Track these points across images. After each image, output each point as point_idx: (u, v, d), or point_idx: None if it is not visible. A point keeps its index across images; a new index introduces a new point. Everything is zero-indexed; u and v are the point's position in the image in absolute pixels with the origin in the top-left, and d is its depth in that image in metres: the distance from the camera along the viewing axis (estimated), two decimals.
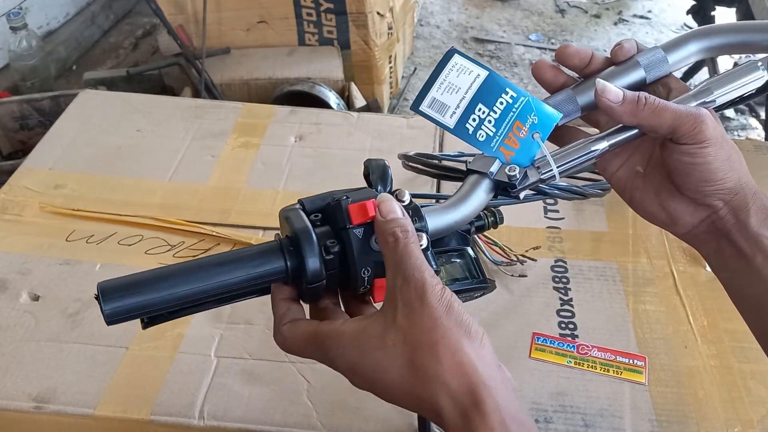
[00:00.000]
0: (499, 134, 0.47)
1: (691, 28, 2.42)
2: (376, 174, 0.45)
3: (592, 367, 0.66)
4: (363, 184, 0.47)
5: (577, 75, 0.51)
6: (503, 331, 0.69)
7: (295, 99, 1.59)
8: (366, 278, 0.41)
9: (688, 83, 1.99)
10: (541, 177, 0.46)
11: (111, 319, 0.39)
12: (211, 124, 0.98)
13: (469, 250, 0.52)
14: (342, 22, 1.71)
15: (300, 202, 0.45)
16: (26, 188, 0.86)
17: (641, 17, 2.58)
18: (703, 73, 1.90)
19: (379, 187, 0.44)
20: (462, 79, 0.47)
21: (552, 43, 2.39)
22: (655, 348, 0.68)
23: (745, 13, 1.72)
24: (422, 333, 0.36)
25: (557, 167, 0.46)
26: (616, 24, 2.54)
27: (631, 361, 0.66)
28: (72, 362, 0.66)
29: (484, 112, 0.47)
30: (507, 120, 0.47)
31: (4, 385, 0.63)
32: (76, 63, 2.14)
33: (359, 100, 1.69)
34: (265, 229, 0.81)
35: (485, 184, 0.46)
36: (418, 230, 0.40)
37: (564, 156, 0.46)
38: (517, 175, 0.45)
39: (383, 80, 1.83)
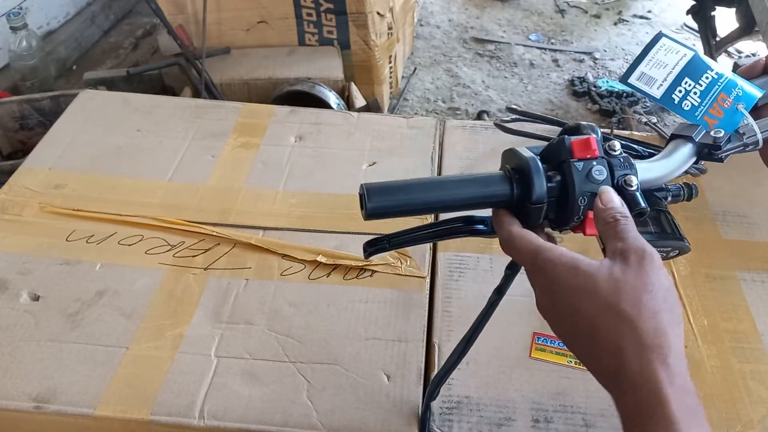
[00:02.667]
0: (704, 104, 0.51)
1: (691, 28, 2.42)
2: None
3: None
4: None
5: None
6: (504, 331, 0.69)
7: (295, 99, 1.59)
8: (582, 207, 0.46)
9: None
10: (746, 142, 0.49)
11: (371, 213, 0.46)
12: (211, 124, 0.98)
13: (667, 209, 0.54)
14: (342, 22, 1.70)
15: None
16: (26, 188, 0.86)
17: (641, 17, 2.58)
18: None
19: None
20: (669, 57, 0.53)
21: (552, 43, 2.39)
22: None
23: (744, 14, 1.72)
24: (633, 288, 0.39)
25: (762, 133, 0.49)
26: (616, 24, 2.54)
27: None
28: (72, 362, 0.66)
29: (690, 85, 0.52)
30: (712, 92, 0.52)
31: (4, 385, 0.63)
32: (76, 63, 2.13)
33: (359, 100, 1.69)
34: (265, 228, 0.81)
35: (689, 147, 0.50)
36: (627, 175, 0.46)
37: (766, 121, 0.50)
38: (722, 138, 0.49)
39: (383, 80, 1.83)
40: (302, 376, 0.65)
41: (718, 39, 1.86)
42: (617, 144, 0.47)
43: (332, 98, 1.62)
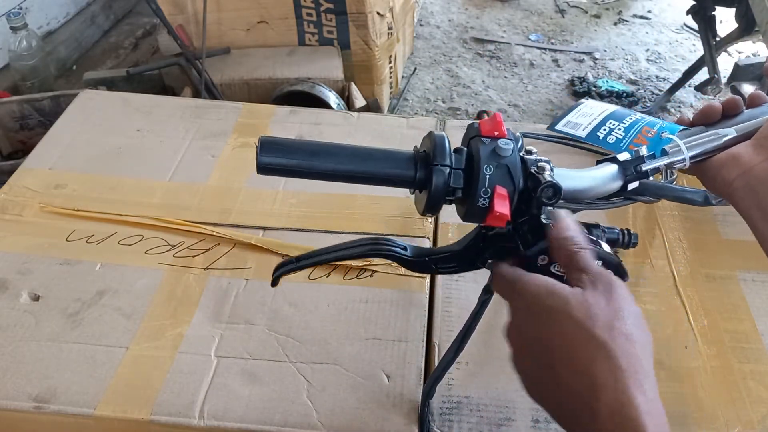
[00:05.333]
0: (628, 136, 0.52)
1: (691, 28, 2.42)
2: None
3: None
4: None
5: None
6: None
7: (295, 99, 1.59)
8: (488, 178, 0.44)
9: (688, 84, 1.96)
10: (672, 160, 0.49)
11: (262, 167, 0.44)
12: (211, 124, 0.98)
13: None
14: (342, 22, 1.70)
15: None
16: (26, 188, 0.86)
17: (641, 17, 2.58)
18: (703, 73, 1.90)
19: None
20: (594, 110, 0.57)
21: (552, 43, 2.39)
22: (656, 348, 0.67)
23: (744, 14, 1.72)
24: (605, 314, 0.39)
25: (688, 153, 0.49)
26: (616, 24, 2.54)
27: None
28: (72, 362, 0.66)
29: (614, 125, 0.55)
30: (636, 127, 0.53)
31: (4, 385, 0.63)
32: (76, 63, 2.14)
33: (359, 100, 1.69)
34: (265, 228, 0.81)
35: (613, 166, 0.50)
36: (540, 161, 0.45)
37: (693, 142, 0.50)
38: (644, 152, 0.49)
39: (383, 80, 1.83)
40: (302, 376, 0.65)
41: (718, 39, 1.86)
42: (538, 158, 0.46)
43: (332, 98, 1.63)
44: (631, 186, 0.49)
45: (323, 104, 1.60)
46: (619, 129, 0.54)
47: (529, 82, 2.18)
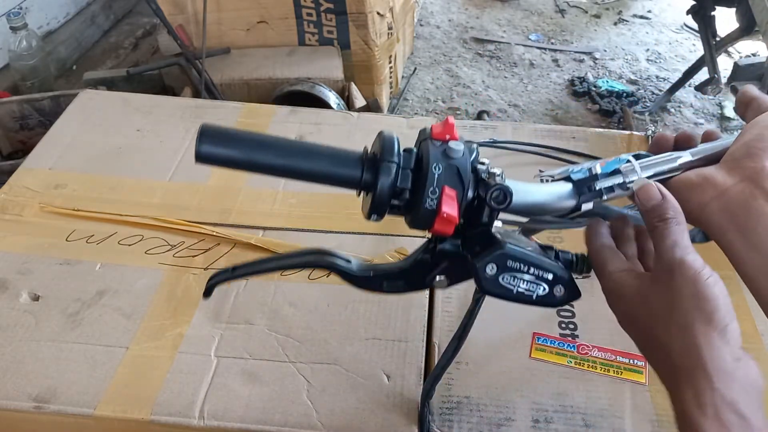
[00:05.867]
0: (585, 167, 0.51)
1: (691, 28, 2.42)
2: None
3: (592, 367, 0.66)
4: None
5: None
6: (503, 331, 0.69)
7: (295, 99, 1.59)
8: (436, 177, 0.43)
9: (688, 84, 1.97)
10: (626, 180, 0.48)
11: (201, 157, 0.42)
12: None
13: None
14: (342, 22, 1.70)
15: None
16: (26, 188, 0.86)
17: (641, 17, 2.58)
18: (703, 73, 1.90)
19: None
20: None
21: (552, 43, 2.39)
22: None
23: (744, 14, 1.72)
24: (662, 307, 0.39)
25: (642, 173, 0.47)
26: (616, 24, 2.54)
27: (631, 361, 0.66)
28: (72, 362, 0.66)
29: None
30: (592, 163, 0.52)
31: (4, 385, 0.63)
32: (76, 63, 2.13)
33: (359, 100, 1.69)
34: (265, 228, 0.81)
35: (568, 184, 0.48)
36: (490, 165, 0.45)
37: (649, 164, 0.48)
38: (598, 170, 0.48)
39: (383, 80, 1.83)
40: (302, 376, 0.65)
41: (718, 39, 1.86)
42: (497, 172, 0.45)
43: (332, 98, 1.62)
44: (586, 206, 0.47)
45: (323, 104, 1.60)
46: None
47: (529, 82, 2.18)
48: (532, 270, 0.45)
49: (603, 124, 2.00)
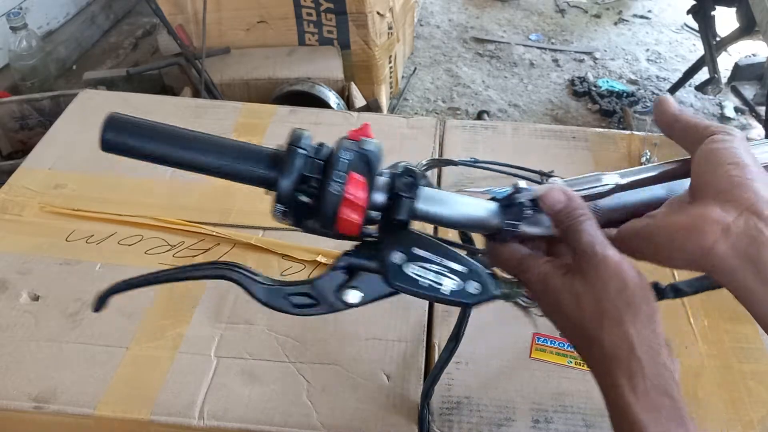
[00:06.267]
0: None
1: (691, 28, 2.42)
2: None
3: None
4: None
5: None
6: (503, 331, 0.69)
7: (295, 99, 1.59)
8: (346, 162, 0.41)
9: (688, 84, 1.96)
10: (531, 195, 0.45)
11: (105, 146, 0.42)
12: (211, 124, 0.98)
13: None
14: (342, 22, 1.70)
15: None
16: (26, 188, 0.86)
17: (641, 17, 2.58)
18: (703, 73, 1.90)
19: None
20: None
21: (552, 43, 2.39)
22: None
23: (745, 13, 1.72)
24: (591, 300, 0.40)
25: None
26: (616, 24, 2.54)
27: None
28: (72, 362, 0.66)
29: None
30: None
31: (4, 385, 0.63)
32: (76, 63, 2.13)
33: (359, 100, 1.69)
34: (265, 228, 0.81)
35: (491, 203, 0.46)
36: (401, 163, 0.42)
37: (571, 184, 0.46)
38: (523, 184, 0.45)
39: (383, 80, 1.83)
40: (302, 376, 0.65)
41: (718, 39, 1.86)
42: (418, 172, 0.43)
43: (332, 98, 1.63)
44: (509, 227, 0.44)
45: (323, 104, 1.60)
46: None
47: (529, 82, 2.18)
48: (443, 261, 0.42)
49: (603, 124, 2.00)
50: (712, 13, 1.86)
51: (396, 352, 0.67)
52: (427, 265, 0.41)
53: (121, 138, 0.42)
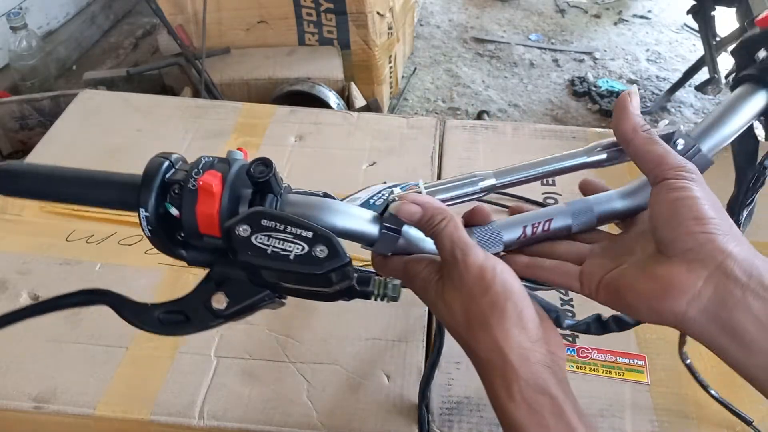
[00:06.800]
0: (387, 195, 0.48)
1: (691, 28, 2.42)
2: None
3: (594, 369, 0.66)
4: (361, 184, 0.47)
5: None
6: None
7: (295, 99, 1.59)
8: (205, 161, 0.43)
9: (688, 84, 1.95)
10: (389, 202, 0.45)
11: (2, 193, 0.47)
12: (211, 124, 0.98)
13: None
14: (342, 22, 1.70)
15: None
16: None
17: (641, 17, 2.58)
18: (703, 73, 1.90)
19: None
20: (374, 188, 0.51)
21: (552, 43, 2.39)
22: (656, 348, 0.68)
23: (745, 13, 1.72)
24: (459, 308, 0.40)
25: (426, 189, 0.45)
26: (616, 24, 2.54)
27: (631, 361, 0.66)
28: (72, 362, 0.66)
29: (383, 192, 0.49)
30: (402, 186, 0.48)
31: (4, 385, 0.63)
32: (76, 63, 2.13)
33: (359, 100, 1.69)
34: None
35: (369, 212, 0.46)
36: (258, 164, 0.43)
37: (445, 186, 0.45)
38: (398, 191, 0.45)
39: (383, 80, 1.83)
40: (302, 376, 0.65)
41: (718, 39, 1.86)
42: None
43: (332, 98, 1.63)
44: (387, 239, 0.44)
45: (323, 104, 1.60)
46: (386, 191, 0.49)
47: (529, 82, 2.18)
48: (289, 229, 0.41)
49: (603, 124, 2.00)
50: (712, 13, 1.86)
51: (396, 352, 0.67)
52: (274, 234, 0.41)
53: (13, 190, 0.48)
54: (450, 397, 0.63)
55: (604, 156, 0.45)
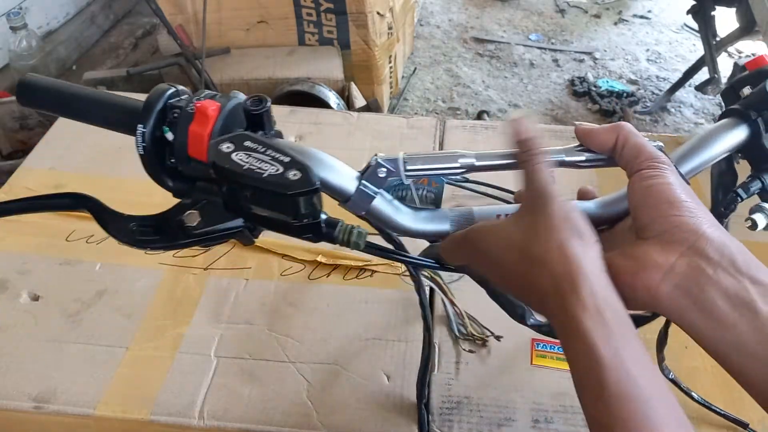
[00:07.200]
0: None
1: (691, 28, 2.42)
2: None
3: None
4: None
5: None
6: (503, 331, 0.69)
7: (295, 99, 1.59)
8: (207, 95, 0.45)
9: (688, 84, 1.95)
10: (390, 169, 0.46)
11: (24, 104, 0.49)
12: None
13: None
14: (342, 22, 1.71)
15: None
16: (26, 188, 0.86)
17: (641, 17, 2.58)
18: (703, 73, 1.90)
19: None
20: None
21: (552, 43, 2.39)
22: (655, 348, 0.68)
23: (744, 13, 1.72)
24: (539, 231, 0.40)
25: (406, 158, 0.46)
26: (616, 24, 2.54)
27: None
28: (72, 362, 0.66)
29: None
30: None
31: (4, 385, 0.63)
32: (76, 63, 2.14)
33: (359, 100, 1.69)
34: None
35: (352, 170, 0.48)
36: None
37: (423, 155, 0.46)
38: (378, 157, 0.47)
39: (383, 80, 1.83)
40: (302, 376, 0.65)
41: (718, 39, 1.86)
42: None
43: (332, 98, 1.63)
44: (364, 196, 0.46)
45: (323, 104, 1.60)
46: None
47: (529, 82, 2.18)
48: (269, 152, 0.43)
49: (603, 124, 2.00)
50: (712, 13, 1.86)
51: (396, 352, 0.67)
52: (254, 154, 0.43)
53: (31, 96, 0.49)
54: (450, 397, 0.63)
55: (583, 158, 0.46)
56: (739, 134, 0.48)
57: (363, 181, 0.46)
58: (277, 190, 0.42)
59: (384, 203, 0.46)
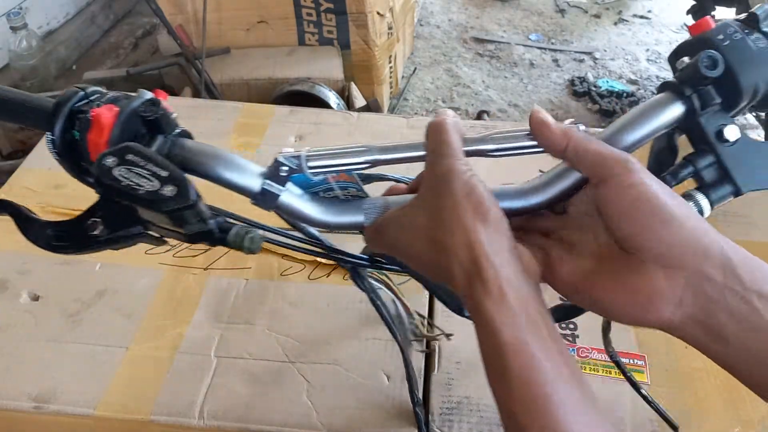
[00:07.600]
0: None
1: None
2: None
3: (593, 369, 0.66)
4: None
5: None
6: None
7: (295, 99, 1.59)
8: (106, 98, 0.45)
9: None
10: (307, 154, 0.46)
11: None
12: (211, 124, 0.98)
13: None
14: (342, 22, 1.71)
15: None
16: (26, 188, 0.86)
17: (641, 17, 2.58)
18: None
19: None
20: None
21: (552, 43, 2.39)
22: (656, 348, 0.68)
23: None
24: (443, 212, 0.40)
25: (309, 154, 0.46)
26: (616, 24, 2.54)
27: (631, 361, 0.66)
28: (72, 362, 0.66)
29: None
30: None
31: (4, 385, 0.63)
32: (76, 63, 2.14)
33: (359, 100, 1.69)
34: (265, 228, 0.80)
35: (258, 167, 0.48)
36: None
37: (327, 151, 0.46)
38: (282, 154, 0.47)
39: (383, 80, 1.83)
40: (302, 376, 0.65)
41: None
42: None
43: (332, 98, 1.63)
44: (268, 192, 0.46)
45: (323, 104, 1.60)
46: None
47: (529, 82, 2.18)
48: (149, 166, 0.43)
49: (603, 124, 2.00)
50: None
51: (396, 352, 0.67)
52: (134, 169, 0.43)
53: None
54: (450, 397, 0.63)
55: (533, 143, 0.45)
56: (675, 110, 0.44)
57: (266, 180, 0.47)
58: (152, 207, 0.43)
59: (292, 198, 0.47)
